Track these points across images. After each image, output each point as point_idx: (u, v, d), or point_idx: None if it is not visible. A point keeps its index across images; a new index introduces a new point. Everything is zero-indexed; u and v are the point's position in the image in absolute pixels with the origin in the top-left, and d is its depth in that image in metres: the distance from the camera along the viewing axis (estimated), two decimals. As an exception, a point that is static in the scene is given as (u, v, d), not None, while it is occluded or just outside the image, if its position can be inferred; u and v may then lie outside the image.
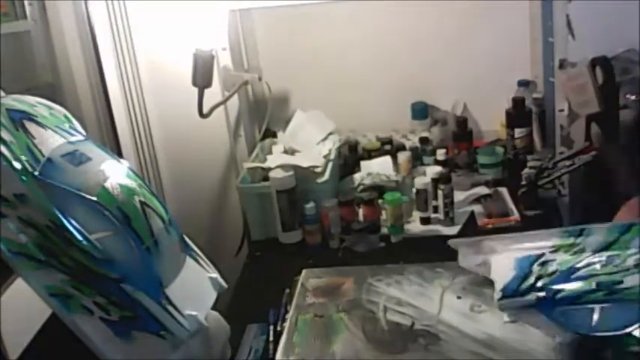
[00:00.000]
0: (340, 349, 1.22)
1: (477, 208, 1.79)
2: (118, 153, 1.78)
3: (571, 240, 1.02)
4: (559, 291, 1.01)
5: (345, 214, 1.72)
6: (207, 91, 1.92)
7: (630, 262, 0.94)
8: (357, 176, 2.00)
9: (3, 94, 1.05)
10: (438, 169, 1.83)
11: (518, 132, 2.00)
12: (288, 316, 1.35)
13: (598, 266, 0.99)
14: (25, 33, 1.66)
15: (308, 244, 1.74)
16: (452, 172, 1.89)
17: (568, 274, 1.01)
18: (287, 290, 1.47)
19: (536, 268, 1.06)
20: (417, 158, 2.10)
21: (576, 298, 1.00)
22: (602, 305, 0.97)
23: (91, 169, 1.02)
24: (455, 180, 1.83)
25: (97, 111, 1.80)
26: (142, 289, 0.99)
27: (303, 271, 1.52)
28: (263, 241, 1.82)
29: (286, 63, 2.26)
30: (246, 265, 1.73)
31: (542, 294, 1.04)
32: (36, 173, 0.95)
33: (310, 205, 1.72)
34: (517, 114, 2.01)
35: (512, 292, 1.08)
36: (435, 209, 1.76)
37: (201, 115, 1.93)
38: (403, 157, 2.02)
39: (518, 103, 2.01)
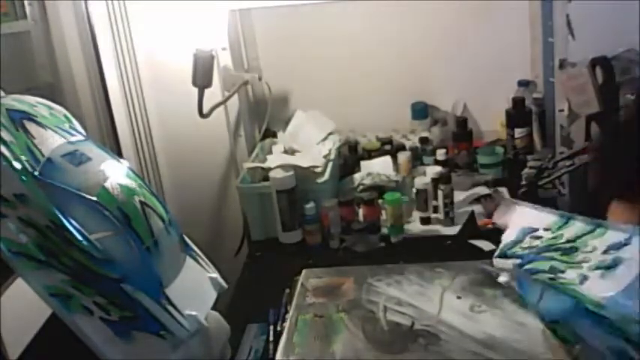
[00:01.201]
0: (340, 349, 1.22)
1: (477, 208, 1.79)
2: (118, 153, 1.78)
3: (559, 224, 1.15)
4: (526, 263, 1.14)
5: (345, 214, 1.71)
6: (207, 91, 1.92)
7: (579, 257, 1.01)
8: (357, 176, 2.00)
9: (3, 94, 1.05)
10: (438, 169, 1.83)
11: (518, 132, 2.00)
12: (288, 316, 1.35)
13: (559, 253, 1.10)
14: (25, 33, 1.66)
15: (308, 244, 1.74)
16: (452, 172, 1.89)
17: (539, 252, 1.13)
18: (287, 290, 1.47)
19: (528, 239, 1.18)
20: (417, 158, 2.10)
21: (533, 274, 1.11)
22: (543, 288, 1.08)
23: (91, 169, 1.02)
24: (455, 180, 1.83)
25: (97, 111, 1.80)
26: (142, 289, 0.99)
27: (303, 271, 1.52)
28: (263, 241, 1.82)
29: (286, 63, 2.26)
30: (246, 265, 1.73)
31: (517, 261, 1.16)
32: (36, 173, 0.94)
33: (310, 205, 1.72)
34: (517, 114, 2.02)
35: (503, 253, 1.22)
36: (435, 209, 1.76)
37: (201, 115, 1.93)
38: (403, 157, 2.02)
39: (518, 103, 2.01)
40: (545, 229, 1.16)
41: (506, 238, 1.27)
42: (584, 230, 1.08)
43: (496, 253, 1.25)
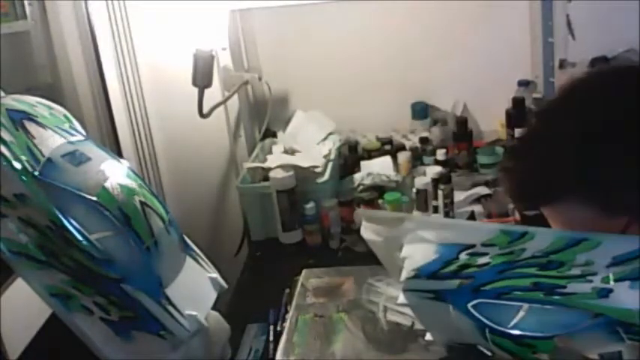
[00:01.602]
0: (340, 349, 1.22)
1: (477, 208, 1.79)
2: (118, 153, 1.78)
3: (509, 238, 0.93)
4: (486, 283, 0.96)
5: (345, 214, 1.71)
6: (207, 91, 1.92)
7: (576, 271, 0.92)
8: (357, 176, 2.00)
9: (3, 94, 1.05)
10: (438, 169, 1.83)
11: (518, 132, 2.00)
12: (288, 316, 1.35)
13: (536, 269, 0.96)
14: (25, 33, 1.65)
15: (308, 244, 1.75)
16: (452, 172, 1.89)
17: (500, 270, 0.94)
18: (287, 290, 1.47)
19: (464, 256, 0.97)
20: (417, 158, 2.10)
21: (503, 294, 0.95)
22: (532, 305, 0.92)
23: (91, 169, 1.02)
24: (455, 180, 1.83)
25: (97, 111, 1.80)
26: (142, 289, 0.99)
27: (303, 271, 1.52)
28: (263, 241, 1.82)
29: (286, 63, 2.26)
30: (246, 265, 1.74)
31: (466, 281, 0.96)
32: (36, 173, 0.94)
33: (310, 205, 1.72)
34: (517, 114, 2.02)
35: (429, 273, 0.99)
36: (435, 209, 1.76)
37: (201, 115, 1.93)
38: (403, 157, 2.02)
39: (518, 103, 2.01)
40: (485, 245, 0.95)
41: (416, 258, 1.00)
42: (562, 243, 0.95)
43: (409, 275, 1.00)
